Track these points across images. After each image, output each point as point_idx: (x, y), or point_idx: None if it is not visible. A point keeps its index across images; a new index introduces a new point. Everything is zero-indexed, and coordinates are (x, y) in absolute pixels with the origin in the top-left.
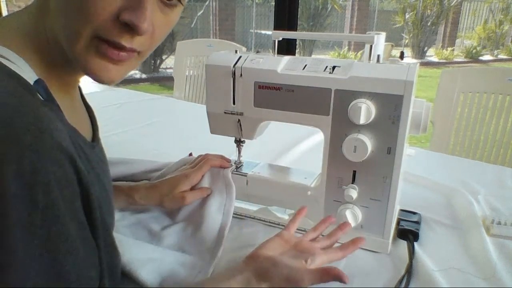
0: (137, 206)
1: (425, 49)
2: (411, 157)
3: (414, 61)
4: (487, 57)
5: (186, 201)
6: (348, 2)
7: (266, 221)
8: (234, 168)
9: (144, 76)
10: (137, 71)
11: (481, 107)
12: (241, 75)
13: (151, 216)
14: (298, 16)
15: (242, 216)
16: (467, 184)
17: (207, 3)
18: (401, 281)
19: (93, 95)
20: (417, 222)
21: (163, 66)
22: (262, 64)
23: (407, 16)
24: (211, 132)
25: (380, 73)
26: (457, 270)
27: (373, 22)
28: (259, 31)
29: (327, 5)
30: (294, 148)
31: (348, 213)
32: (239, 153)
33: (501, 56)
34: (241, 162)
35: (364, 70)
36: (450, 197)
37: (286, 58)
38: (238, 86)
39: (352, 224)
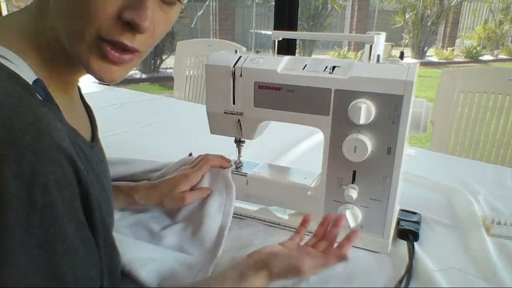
0: (137, 206)
1: (425, 49)
2: (411, 157)
3: (414, 61)
4: (487, 57)
5: (186, 201)
6: (348, 2)
7: (266, 221)
8: (234, 168)
9: (144, 76)
10: (137, 71)
11: (481, 107)
12: (241, 75)
13: (151, 216)
14: (298, 16)
15: (242, 216)
16: (467, 184)
17: (207, 3)
18: (401, 281)
19: (93, 95)
20: (417, 222)
21: (163, 66)
22: (262, 64)
23: (407, 16)
24: (211, 132)
25: (380, 73)
26: (457, 270)
27: (373, 22)
28: (259, 31)
29: (327, 5)
30: (294, 148)
31: (348, 213)
32: (239, 153)
33: (501, 56)
34: (241, 162)
35: (364, 70)
36: (450, 197)
37: (286, 58)
38: (238, 86)
39: (352, 224)
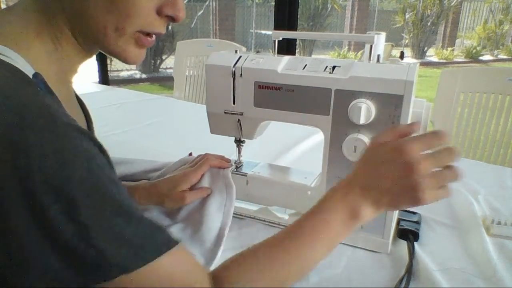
0: None
1: (425, 49)
2: None
3: (414, 61)
4: (487, 57)
5: (186, 201)
6: (348, 2)
7: (266, 221)
8: (234, 168)
9: (144, 76)
10: (137, 71)
11: (481, 107)
12: (241, 75)
13: (151, 216)
14: (298, 16)
15: (242, 216)
16: (467, 184)
17: (207, 3)
18: (401, 281)
19: (93, 95)
20: (417, 222)
21: (163, 66)
22: (262, 64)
23: (407, 16)
24: (211, 132)
25: (380, 73)
26: (457, 270)
27: (373, 22)
28: (259, 31)
29: (327, 5)
30: (294, 148)
31: None
32: (239, 153)
33: (501, 56)
34: (241, 162)
35: (364, 70)
36: (450, 197)
37: (286, 58)
38: (238, 86)
39: None
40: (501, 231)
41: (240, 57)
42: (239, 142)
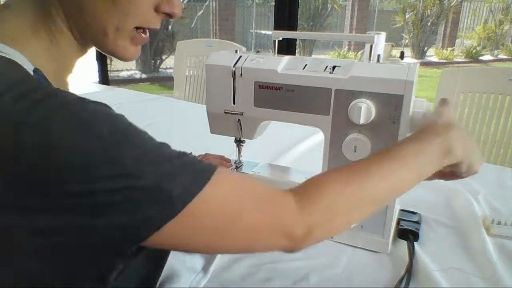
0: None
1: (425, 49)
2: None
3: (414, 61)
4: (487, 57)
5: None
6: (348, 2)
7: None
8: (234, 168)
9: (144, 76)
10: (137, 71)
11: (481, 107)
12: (241, 75)
13: None
14: (298, 16)
15: None
16: (467, 184)
17: (207, 3)
18: (401, 281)
19: (93, 95)
20: (417, 222)
21: (163, 66)
22: (262, 64)
23: (407, 16)
24: (211, 132)
25: (380, 73)
26: (457, 270)
27: (373, 22)
28: (259, 31)
29: (327, 5)
30: (294, 148)
31: None
32: (239, 153)
33: (501, 56)
34: (241, 162)
35: (364, 70)
36: (450, 197)
37: (286, 58)
38: (238, 86)
39: (352, 225)
40: (501, 231)
41: (240, 57)
42: (239, 142)
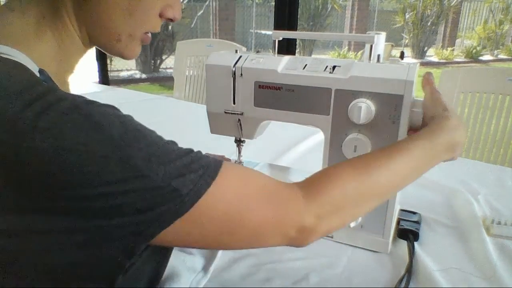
0: None
1: (425, 49)
2: None
3: (414, 61)
4: (487, 57)
5: None
6: (348, 2)
7: None
8: None
9: (144, 76)
10: (137, 71)
11: (481, 107)
12: (241, 75)
13: None
14: (298, 16)
15: None
16: (467, 184)
17: (207, 3)
18: (401, 281)
19: (93, 95)
20: (417, 222)
21: (163, 66)
22: (262, 64)
23: (407, 16)
24: (211, 132)
25: (380, 73)
26: (457, 270)
27: (373, 22)
28: (259, 31)
29: (327, 5)
30: (294, 148)
31: None
32: (239, 153)
33: (501, 56)
34: (241, 162)
35: (364, 70)
36: (450, 197)
37: (286, 58)
38: (238, 86)
39: (352, 224)
40: (501, 231)
41: (240, 57)
42: (239, 142)
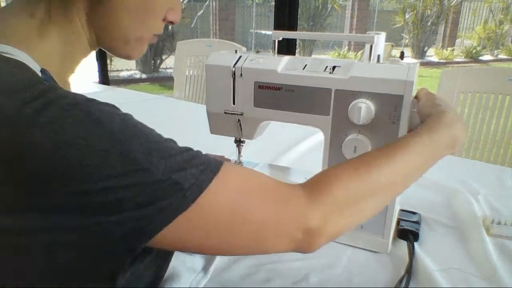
0: None
1: (425, 49)
2: None
3: (414, 61)
4: (487, 57)
5: None
6: (348, 2)
7: None
8: None
9: (144, 76)
10: (137, 71)
11: (481, 107)
12: (241, 75)
13: None
14: (298, 16)
15: None
16: (467, 184)
17: (207, 3)
18: (401, 281)
19: (93, 95)
20: (417, 222)
21: (163, 66)
22: (262, 64)
23: (407, 16)
24: (211, 132)
25: (380, 73)
26: (457, 270)
27: (373, 22)
28: (259, 31)
29: (327, 5)
30: (294, 148)
31: None
32: (239, 153)
33: (501, 56)
34: (241, 162)
35: (364, 70)
36: (450, 197)
37: (286, 58)
38: (238, 86)
39: None
40: (501, 231)
41: (240, 57)
42: (239, 142)
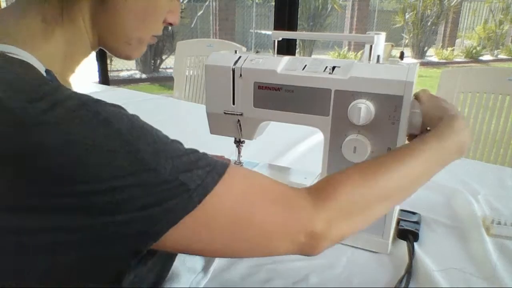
0: None
1: (425, 49)
2: None
3: (414, 61)
4: (487, 57)
5: None
6: (348, 2)
7: None
8: None
9: (144, 76)
10: (137, 71)
11: (481, 107)
12: (241, 75)
13: None
14: (298, 16)
15: None
16: (467, 184)
17: (207, 3)
18: (401, 281)
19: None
20: (417, 222)
21: (163, 66)
22: (262, 64)
23: (407, 16)
24: (211, 132)
25: (380, 74)
26: (457, 270)
27: (373, 22)
28: (259, 31)
29: (327, 5)
30: (294, 148)
31: None
32: (239, 153)
33: (501, 56)
34: (241, 162)
35: (364, 71)
36: (450, 197)
37: (286, 58)
38: (238, 86)
39: None
40: (501, 231)
41: (240, 57)
42: (239, 143)
